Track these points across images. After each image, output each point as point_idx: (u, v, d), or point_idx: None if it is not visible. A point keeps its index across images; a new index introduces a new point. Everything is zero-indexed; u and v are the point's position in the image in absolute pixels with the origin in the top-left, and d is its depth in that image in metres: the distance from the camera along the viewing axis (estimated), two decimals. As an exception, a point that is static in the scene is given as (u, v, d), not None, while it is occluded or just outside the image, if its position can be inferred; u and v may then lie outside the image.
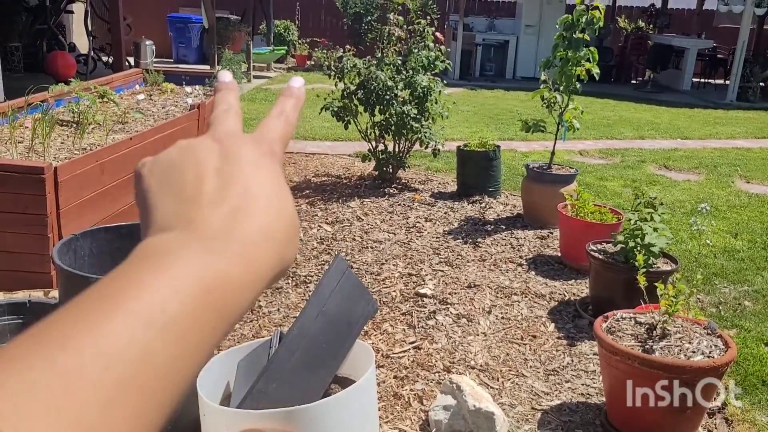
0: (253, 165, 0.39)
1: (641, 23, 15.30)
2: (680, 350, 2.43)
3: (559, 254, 4.27)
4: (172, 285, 0.32)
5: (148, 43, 11.00)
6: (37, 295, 2.99)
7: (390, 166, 5.69)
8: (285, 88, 0.47)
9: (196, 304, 0.32)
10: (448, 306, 3.49)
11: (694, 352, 2.42)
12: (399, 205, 5.21)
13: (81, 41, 10.26)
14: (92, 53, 9.73)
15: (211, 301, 0.33)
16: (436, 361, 2.96)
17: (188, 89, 6.14)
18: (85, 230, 2.38)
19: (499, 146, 5.53)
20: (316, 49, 13.45)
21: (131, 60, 9.60)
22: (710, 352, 2.42)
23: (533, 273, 4.02)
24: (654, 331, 2.54)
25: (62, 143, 3.78)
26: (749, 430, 2.60)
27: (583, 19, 4.47)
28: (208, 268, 0.33)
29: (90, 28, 10.09)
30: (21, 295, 2.84)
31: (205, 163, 0.39)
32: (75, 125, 4.00)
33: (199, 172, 0.38)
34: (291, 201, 0.40)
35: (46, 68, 8.83)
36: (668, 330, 2.52)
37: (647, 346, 2.45)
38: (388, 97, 5.33)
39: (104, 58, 9.78)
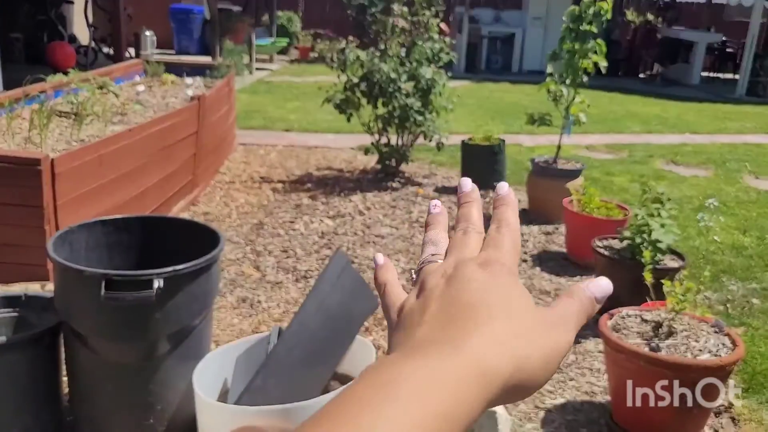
0: (478, 281, 0.41)
1: (650, 16, 15.16)
2: (687, 349, 2.38)
3: (565, 250, 4.21)
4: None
5: (148, 33, 10.94)
6: (33, 288, 2.95)
7: (393, 160, 5.63)
8: (496, 197, 0.49)
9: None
10: (451, 301, 3.44)
11: (701, 350, 2.37)
12: (402, 199, 5.15)
13: (82, 32, 10.21)
14: (93, 44, 9.68)
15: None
16: (438, 358, 2.91)
17: (189, 81, 6.08)
18: (81, 223, 2.34)
19: (504, 140, 5.47)
20: (319, 40, 13.38)
21: (132, 51, 9.55)
22: (717, 351, 2.37)
23: (538, 269, 3.96)
24: (660, 329, 2.48)
25: (60, 134, 3.74)
26: (756, 430, 2.54)
27: (591, 11, 4.40)
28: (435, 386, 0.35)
29: (90, 19, 10.04)
30: (17, 288, 2.80)
31: (433, 291, 0.43)
32: (73, 116, 3.95)
33: (427, 300, 0.42)
34: (532, 308, 0.41)
35: (46, 59, 8.79)
36: (675, 328, 2.47)
37: (653, 345, 2.40)
38: (391, 89, 5.27)
39: (105, 50, 9.72)
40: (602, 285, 0.47)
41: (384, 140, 5.63)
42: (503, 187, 0.49)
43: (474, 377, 0.35)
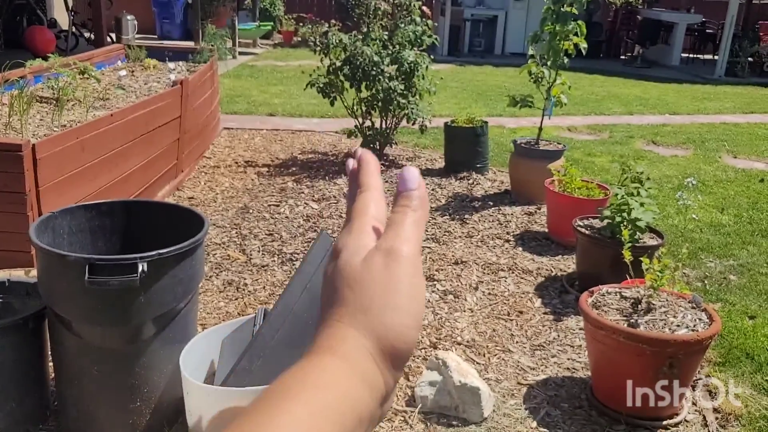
0: (377, 275, 0.43)
1: (630, -2, 15.21)
2: (665, 324, 2.43)
3: (547, 230, 4.26)
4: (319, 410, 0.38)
5: (129, 18, 10.80)
6: (17, 274, 2.95)
7: (377, 143, 5.64)
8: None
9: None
10: (435, 282, 3.48)
11: (678, 325, 2.42)
12: (386, 182, 5.16)
13: (62, 17, 10.06)
14: (73, 29, 9.55)
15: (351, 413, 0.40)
16: (422, 338, 2.96)
17: (171, 65, 6.04)
18: (63, 208, 2.33)
19: (486, 122, 5.50)
20: (302, 24, 13.27)
21: (113, 36, 9.43)
22: (695, 326, 2.43)
23: (520, 249, 4.01)
24: (639, 306, 2.54)
25: (41, 120, 3.71)
26: (732, 402, 2.61)
27: (571, -8, 4.41)
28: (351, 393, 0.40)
29: (70, 4, 9.89)
30: (1, 275, 2.79)
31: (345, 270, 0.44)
32: (54, 102, 3.92)
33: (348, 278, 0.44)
34: (423, 292, 0.44)
35: (24, 44, 8.66)
36: (653, 304, 2.52)
37: (632, 321, 2.45)
38: (374, 72, 5.27)
39: (86, 34, 9.60)
40: (408, 175, 0.46)
41: (368, 123, 5.64)
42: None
43: (357, 381, 0.40)
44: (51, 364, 2.29)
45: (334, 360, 0.40)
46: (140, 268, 1.94)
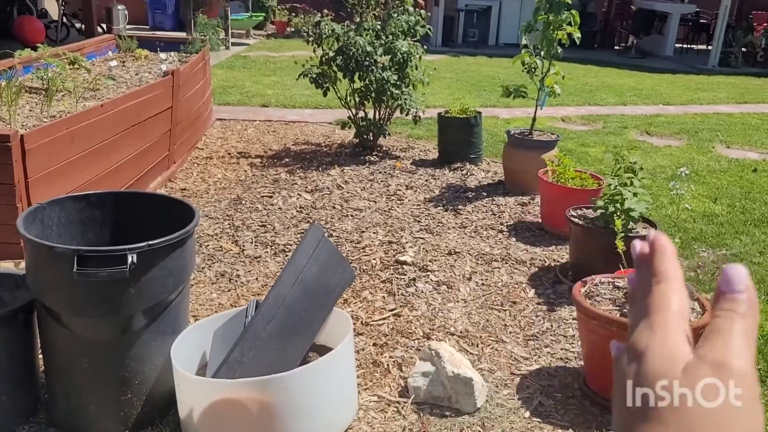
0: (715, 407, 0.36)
1: (625, -12, 15.18)
2: (658, 314, 2.43)
3: (540, 220, 4.26)
4: None
5: (120, 8, 10.71)
6: (6, 266, 2.93)
7: (370, 134, 5.62)
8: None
9: None
10: (429, 273, 3.48)
11: (671, 315, 2.42)
12: (380, 172, 5.15)
13: (52, 6, 9.97)
14: (63, 19, 9.46)
15: None
16: (415, 328, 2.95)
17: (162, 55, 5.99)
18: (52, 199, 2.31)
19: (480, 113, 5.48)
20: (294, 14, 13.20)
21: (104, 26, 9.35)
22: (687, 316, 2.43)
23: (514, 239, 4.01)
24: (632, 296, 2.54)
25: (30, 111, 3.67)
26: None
27: (565, -18, 4.39)
28: None
29: (61, -6, 9.80)
30: (-10, 267, 2.77)
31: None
32: (44, 92, 3.88)
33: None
34: (761, 423, 0.36)
35: (14, 34, 8.58)
36: (646, 294, 2.52)
37: (625, 311, 2.45)
38: (367, 63, 5.24)
39: (77, 25, 9.52)
40: (734, 275, 0.39)
41: (361, 114, 5.61)
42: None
43: None
44: (41, 356, 2.27)
45: None
46: (130, 260, 1.93)
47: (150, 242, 1.98)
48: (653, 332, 0.38)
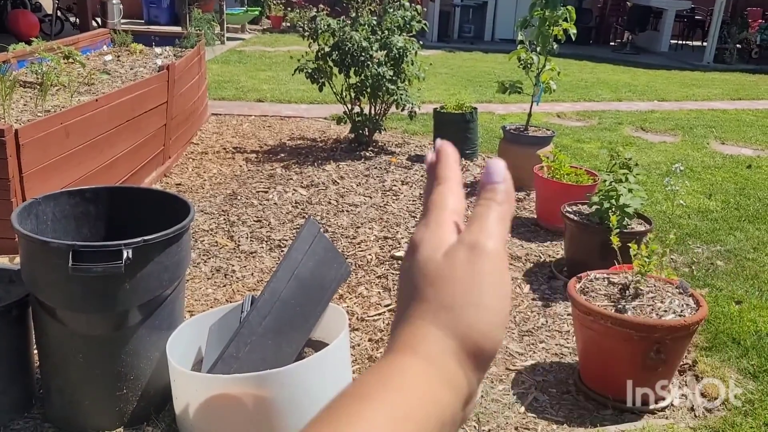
0: (460, 271, 0.41)
1: (620, -16, 15.18)
2: (652, 309, 2.44)
3: (535, 216, 4.27)
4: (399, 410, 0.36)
5: (115, 2, 10.64)
6: (1, 261, 2.92)
7: (366, 129, 5.61)
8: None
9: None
10: (424, 269, 3.47)
11: (666, 311, 2.43)
12: (375, 168, 5.15)
13: (47, 0, 9.90)
14: (57, 13, 9.41)
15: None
16: (411, 324, 2.95)
17: (158, 50, 5.96)
18: (47, 194, 2.30)
19: (476, 108, 5.48)
20: (290, 9, 13.15)
21: (99, 20, 9.30)
22: (682, 311, 2.44)
23: (509, 235, 4.00)
24: (627, 291, 2.55)
25: (25, 105, 3.65)
26: (719, 387, 2.63)
27: (561, -23, 4.39)
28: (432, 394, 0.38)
29: (55, -13, 9.73)
30: (-16, 262, 2.76)
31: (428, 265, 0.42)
32: (38, 87, 3.86)
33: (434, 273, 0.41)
34: (508, 289, 0.42)
35: (7, 28, 8.53)
36: (641, 290, 2.53)
37: (620, 306, 2.46)
38: (363, 58, 5.23)
39: (71, 19, 9.47)
40: (493, 168, 0.44)
41: (357, 110, 5.60)
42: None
43: (438, 380, 0.38)
44: (36, 351, 2.27)
45: (416, 360, 0.38)
46: (125, 255, 1.92)
47: (145, 237, 1.97)
48: (428, 227, 0.43)
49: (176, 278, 2.18)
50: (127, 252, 1.93)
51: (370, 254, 3.63)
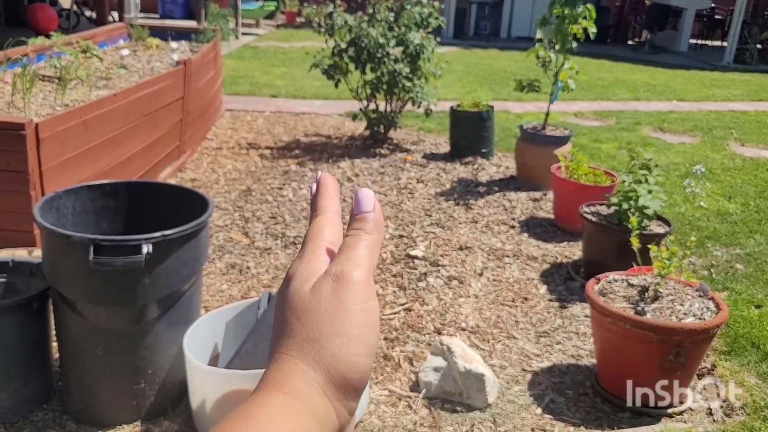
0: (326, 303, 0.41)
1: (639, -18, 15.04)
2: (672, 312, 2.41)
3: (553, 216, 4.24)
4: None
5: (133, -4, 10.70)
6: (20, 254, 2.93)
7: (381, 126, 5.60)
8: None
9: None
10: (440, 268, 3.46)
11: (685, 314, 2.41)
12: (390, 165, 5.14)
13: (65, -5, 9.97)
14: (75, 7, 9.47)
15: None
16: (426, 323, 2.94)
17: (174, 45, 5.98)
18: (67, 188, 2.31)
19: (492, 107, 5.45)
20: (306, 4, 13.15)
21: (115, 15, 9.35)
22: (702, 314, 2.41)
23: (526, 235, 3.99)
24: (646, 293, 2.52)
25: (44, 99, 3.67)
26: (737, 391, 2.60)
27: (581, -25, 4.35)
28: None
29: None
30: (4, 254, 2.78)
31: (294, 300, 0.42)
32: (57, 81, 3.88)
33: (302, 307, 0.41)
34: (376, 318, 0.42)
35: (26, 22, 8.60)
36: (660, 292, 2.50)
37: (639, 308, 2.44)
38: (379, 54, 5.21)
39: (88, 13, 9.52)
40: (362, 197, 0.45)
41: (372, 106, 5.59)
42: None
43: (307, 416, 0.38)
44: (56, 344, 2.28)
45: (281, 396, 0.38)
46: (145, 250, 1.92)
47: (165, 232, 1.97)
48: (302, 259, 0.43)
49: (194, 273, 2.19)
50: (148, 247, 1.93)
51: (384, 252, 3.62)
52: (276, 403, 0.38)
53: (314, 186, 0.47)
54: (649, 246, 2.62)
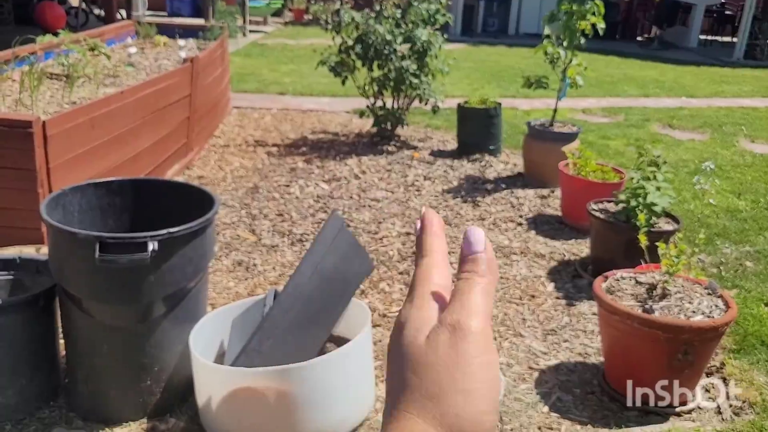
0: (443, 357, 0.40)
1: (648, -22, 14.94)
2: (680, 310, 2.39)
3: (560, 214, 4.22)
4: None
5: (140, -6, 10.73)
6: (28, 251, 2.94)
7: (388, 123, 5.59)
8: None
9: None
10: (446, 265, 3.45)
11: (694, 312, 2.38)
12: (397, 163, 5.13)
13: (73, -7, 10.00)
14: (83, 5, 9.50)
15: None
16: (433, 320, 2.93)
17: (181, 42, 5.99)
18: (74, 185, 2.32)
19: (500, 103, 5.42)
20: (313, 2, 13.14)
21: (123, 12, 9.38)
22: (710, 312, 2.39)
23: (533, 232, 3.97)
24: (654, 291, 2.50)
25: (51, 97, 3.68)
26: (747, 390, 2.58)
27: (589, -29, 4.31)
28: None
29: (81, -20, 9.83)
30: (12, 252, 2.79)
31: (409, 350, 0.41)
32: (64, 78, 3.89)
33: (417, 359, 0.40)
34: (496, 371, 0.41)
35: (35, 20, 8.64)
36: (668, 290, 2.48)
37: (647, 306, 2.42)
38: (386, 51, 5.20)
39: (96, 11, 9.55)
40: (473, 237, 0.42)
41: (379, 103, 5.58)
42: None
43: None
44: (62, 341, 2.29)
45: None
46: (151, 247, 1.92)
47: (171, 230, 1.97)
48: (412, 305, 0.41)
49: (200, 271, 2.19)
50: (153, 244, 1.93)
51: (392, 250, 3.61)
52: None
53: (418, 223, 0.45)
54: (658, 243, 2.60)
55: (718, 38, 14.58)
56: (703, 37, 14.36)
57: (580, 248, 3.77)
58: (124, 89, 3.70)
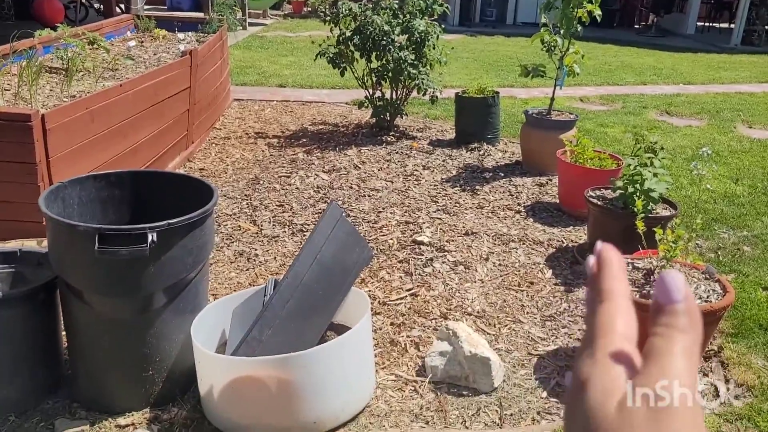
0: None
1: (646, -35, 14.88)
2: (677, 295, 2.41)
3: (558, 201, 4.23)
4: None
5: (138, -12, 10.69)
6: (29, 244, 2.97)
7: (387, 114, 5.59)
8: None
9: None
10: (446, 253, 3.47)
11: (691, 296, 2.40)
12: (396, 153, 5.14)
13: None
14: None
15: None
16: (432, 308, 2.96)
17: (180, 35, 5.99)
18: (73, 178, 2.33)
19: (498, 93, 5.43)
20: (312, -6, 13.11)
21: (122, 6, 9.37)
22: (708, 297, 2.41)
23: (531, 220, 3.99)
24: (652, 277, 2.52)
25: (51, 91, 3.69)
26: (745, 373, 2.60)
27: (586, -42, 4.31)
28: None
29: (78, -26, 9.81)
30: (13, 245, 2.81)
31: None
32: (63, 72, 3.90)
33: None
34: None
35: (34, 14, 8.63)
36: (666, 275, 2.50)
37: (645, 292, 2.44)
38: (384, 42, 5.20)
39: (95, 5, 9.54)
40: (670, 283, 0.36)
41: (378, 94, 5.59)
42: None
43: None
44: (63, 333, 2.31)
45: None
46: (150, 238, 1.94)
47: (170, 221, 1.99)
48: (595, 361, 0.36)
49: (200, 261, 2.20)
50: (152, 235, 1.95)
51: (391, 239, 3.63)
52: None
53: (591, 260, 0.39)
54: (655, 229, 2.62)
55: (716, 25, 14.53)
56: (700, 23, 14.31)
57: (578, 235, 3.79)
58: (124, 82, 3.71)
